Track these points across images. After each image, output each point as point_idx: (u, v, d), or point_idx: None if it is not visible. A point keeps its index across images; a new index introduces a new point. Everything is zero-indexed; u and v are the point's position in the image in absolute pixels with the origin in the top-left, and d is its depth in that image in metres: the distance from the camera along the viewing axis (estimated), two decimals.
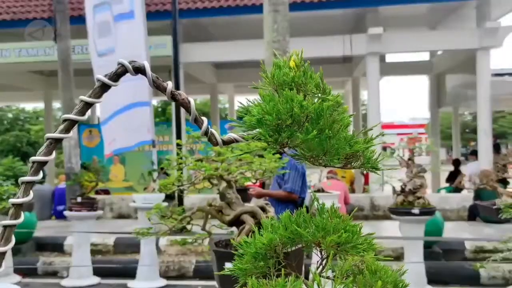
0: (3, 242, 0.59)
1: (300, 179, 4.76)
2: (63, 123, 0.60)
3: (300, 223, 0.60)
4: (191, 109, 0.60)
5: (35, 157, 0.59)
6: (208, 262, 6.97)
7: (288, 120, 0.55)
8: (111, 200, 10.20)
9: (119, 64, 0.59)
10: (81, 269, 6.30)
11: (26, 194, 0.59)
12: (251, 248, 0.60)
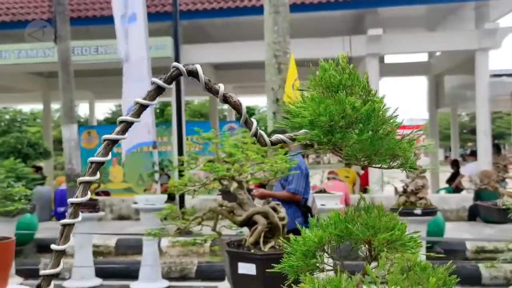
0: (62, 240, 0.60)
1: (303, 180, 4.78)
2: (119, 125, 0.61)
3: (349, 221, 0.62)
4: (242, 111, 0.62)
5: (93, 158, 0.60)
6: (210, 262, 6.98)
7: (341, 121, 0.57)
8: (111, 201, 10.19)
9: (173, 68, 0.61)
10: (83, 270, 6.29)
11: (84, 194, 0.61)
12: (302, 246, 0.61)
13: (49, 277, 0.60)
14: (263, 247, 2.13)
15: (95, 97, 16.40)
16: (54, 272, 0.60)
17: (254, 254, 2.05)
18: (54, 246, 0.60)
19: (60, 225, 0.60)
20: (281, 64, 7.55)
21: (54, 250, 0.60)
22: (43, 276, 0.61)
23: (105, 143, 0.60)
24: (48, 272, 0.60)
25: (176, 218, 2.32)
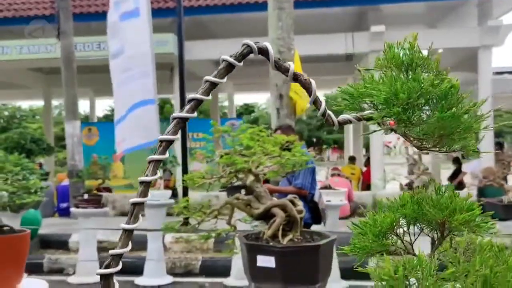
0: (132, 219, 0.59)
1: (310, 175, 4.78)
2: (188, 103, 0.60)
3: (420, 203, 0.61)
4: (312, 90, 0.61)
5: (163, 136, 0.59)
6: (214, 258, 6.98)
7: (420, 98, 0.56)
8: (113, 198, 10.18)
9: (244, 45, 0.60)
10: (88, 266, 6.28)
11: (154, 173, 0.60)
12: (375, 227, 0.61)
13: (117, 256, 0.59)
14: (282, 240, 2.12)
15: (95, 94, 16.36)
16: (123, 252, 0.59)
17: (273, 246, 2.04)
18: (124, 225, 0.59)
19: (130, 204, 0.59)
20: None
21: (124, 229, 0.59)
22: (112, 256, 0.60)
23: (174, 122, 0.59)
24: (117, 252, 0.59)
25: (193, 211, 2.30)
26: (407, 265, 0.56)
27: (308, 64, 8.82)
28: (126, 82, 7.00)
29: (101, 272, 0.59)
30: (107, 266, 0.59)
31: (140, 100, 6.74)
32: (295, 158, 2.21)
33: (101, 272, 0.59)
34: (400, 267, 0.55)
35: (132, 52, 6.92)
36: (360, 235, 0.62)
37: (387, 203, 0.64)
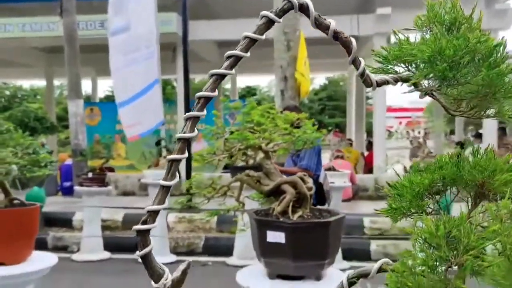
0: (169, 176, 0.59)
1: (316, 157, 4.78)
2: (227, 60, 0.59)
3: (460, 164, 0.61)
4: (352, 49, 0.60)
5: (201, 93, 0.59)
6: (217, 237, 7.03)
7: (465, 56, 0.55)
8: (116, 177, 10.20)
9: (285, 1, 0.59)
10: (92, 243, 6.34)
11: (192, 130, 0.59)
12: (413, 188, 0.60)
13: (154, 213, 0.59)
14: (292, 216, 2.13)
15: (97, 74, 16.28)
16: (160, 208, 0.59)
17: (283, 222, 2.05)
18: (162, 181, 0.59)
19: (166, 161, 0.59)
20: (290, 42, 7.48)
21: (161, 185, 0.59)
22: (149, 212, 0.60)
23: (213, 78, 0.59)
24: (154, 208, 0.59)
25: (204, 187, 2.31)
26: (447, 224, 0.55)
27: (312, 47, 8.76)
28: (132, 63, 6.96)
29: (138, 228, 0.59)
30: (144, 222, 0.59)
31: (150, 83, 6.72)
32: (306, 135, 2.20)
33: (138, 228, 0.59)
34: (441, 225, 0.55)
35: (139, 30, 6.86)
36: (396, 196, 0.62)
37: (424, 166, 0.64)
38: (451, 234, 0.54)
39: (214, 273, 5.79)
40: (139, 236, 0.60)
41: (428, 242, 0.56)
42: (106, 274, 5.66)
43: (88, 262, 6.14)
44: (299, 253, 2.09)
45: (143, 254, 0.60)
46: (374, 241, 6.59)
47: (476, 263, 0.52)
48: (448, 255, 0.53)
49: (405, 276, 0.55)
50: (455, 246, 0.54)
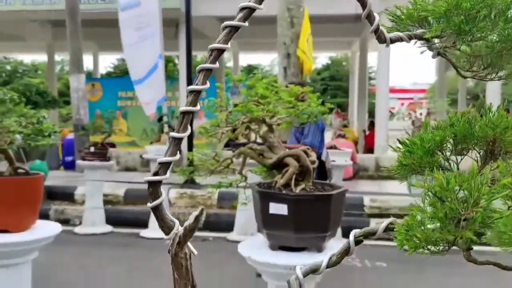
0: (182, 128, 0.59)
1: (319, 134, 4.78)
2: (240, 11, 0.59)
3: (471, 121, 0.61)
4: (368, 4, 0.60)
5: (214, 45, 0.58)
6: (218, 214, 7.08)
7: (483, 10, 0.54)
8: (117, 153, 10.22)
9: None
10: (94, 217, 6.40)
11: (204, 82, 0.59)
12: (423, 145, 0.61)
13: (166, 164, 0.60)
14: (294, 189, 2.14)
15: (99, 49, 16.16)
16: (171, 160, 0.59)
17: (286, 194, 2.06)
18: (173, 133, 0.59)
19: (179, 113, 0.59)
20: (293, 18, 7.39)
21: (172, 137, 0.59)
22: (160, 164, 0.60)
23: (226, 30, 0.58)
24: (165, 160, 0.59)
25: (206, 160, 2.32)
26: (458, 178, 0.56)
27: (316, 25, 8.65)
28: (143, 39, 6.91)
29: (149, 179, 0.60)
30: (155, 174, 0.59)
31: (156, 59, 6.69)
32: (311, 108, 2.20)
33: (149, 179, 0.60)
34: (451, 179, 0.55)
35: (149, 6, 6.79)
36: (407, 153, 0.62)
37: (435, 123, 0.64)
38: (462, 188, 0.54)
39: (214, 248, 5.85)
40: (151, 188, 0.60)
41: (438, 196, 0.56)
42: (108, 247, 5.73)
43: (90, 235, 6.21)
44: (301, 225, 2.11)
45: (154, 206, 0.60)
46: (373, 219, 6.64)
47: (485, 216, 0.53)
48: (458, 208, 0.54)
49: (414, 229, 0.56)
50: (465, 200, 0.54)
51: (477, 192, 0.54)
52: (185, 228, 0.58)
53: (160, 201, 0.60)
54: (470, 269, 4.98)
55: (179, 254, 0.61)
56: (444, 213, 0.54)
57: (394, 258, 5.46)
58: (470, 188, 0.54)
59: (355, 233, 0.79)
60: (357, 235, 0.79)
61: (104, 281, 4.44)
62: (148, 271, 4.74)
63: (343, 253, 0.81)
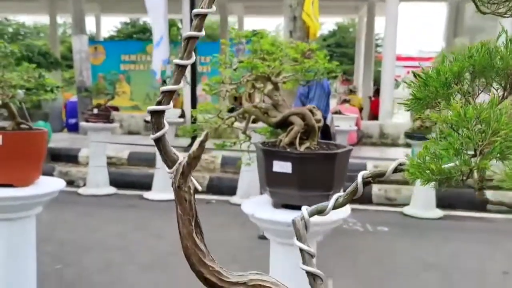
0: (186, 55, 0.56)
1: (325, 99, 4.74)
2: None
3: (491, 52, 0.58)
4: None
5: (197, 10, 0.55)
6: (221, 178, 7.12)
7: None
8: (121, 117, 10.21)
9: None
10: (97, 178, 6.44)
11: (210, 5, 0.56)
12: (440, 77, 0.58)
13: (169, 93, 0.57)
14: (299, 147, 2.12)
15: (101, 11, 15.89)
16: (175, 88, 0.57)
17: (290, 152, 2.05)
18: (177, 60, 0.56)
19: (183, 41, 0.56)
20: None
21: (177, 64, 0.56)
22: (163, 93, 0.57)
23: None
24: (169, 88, 0.57)
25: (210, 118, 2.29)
26: (477, 109, 0.53)
27: None
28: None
29: (152, 108, 0.57)
30: (158, 103, 0.57)
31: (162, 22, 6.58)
32: (318, 65, 2.15)
33: (152, 109, 0.57)
34: (469, 109, 0.52)
35: None
36: (421, 86, 0.59)
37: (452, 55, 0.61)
38: (480, 118, 0.51)
39: (217, 210, 5.90)
40: (153, 118, 0.58)
41: (454, 127, 0.53)
42: (111, 208, 5.79)
43: (94, 196, 6.27)
44: (305, 183, 2.10)
45: (157, 137, 0.58)
46: (376, 185, 6.66)
47: (504, 146, 0.50)
48: (475, 138, 0.51)
49: (428, 161, 0.53)
50: (484, 130, 0.52)
51: (496, 122, 0.51)
52: (189, 156, 0.56)
53: (164, 132, 0.58)
54: (470, 236, 5.03)
55: (183, 187, 0.59)
56: (460, 144, 0.51)
57: (395, 223, 5.50)
58: (489, 118, 0.52)
59: (363, 174, 0.78)
60: (366, 176, 0.77)
61: (107, 240, 4.51)
62: (150, 231, 4.80)
63: (350, 195, 0.80)
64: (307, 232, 0.77)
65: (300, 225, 0.76)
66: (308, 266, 0.73)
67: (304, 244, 0.74)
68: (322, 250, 3.29)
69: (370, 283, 3.68)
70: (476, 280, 3.81)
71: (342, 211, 2.20)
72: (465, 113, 0.52)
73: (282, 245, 2.15)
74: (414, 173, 0.54)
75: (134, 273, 3.74)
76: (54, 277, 3.57)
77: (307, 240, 0.75)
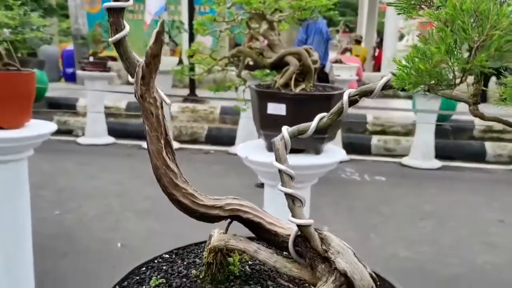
0: None
1: (324, 45, 4.62)
2: None
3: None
4: None
5: None
6: (220, 129, 7.08)
7: None
8: (118, 66, 10.02)
9: None
10: (96, 128, 6.41)
11: None
12: None
13: None
14: (294, 89, 2.05)
15: None
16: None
17: (285, 94, 1.98)
18: None
19: None
20: None
21: None
22: None
23: None
24: None
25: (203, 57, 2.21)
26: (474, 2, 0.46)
27: None
28: None
29: (109, 5, 0.50)
30: None
31: None
32: (315, 2, 2.05)
33: (108, 6, 0.50)
34: (467, 1, 0.46)
35: None
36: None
37: None
38: (479, 9, 0.45)
39: (216, 160, 5.90)
40: (111, 17, 0.51)
41: (449, 23, 0.47)
42: (110, 157, 5.79)
43: (93, 146, 6.26)
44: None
45: (116, 39, 0.52)
46: (375, 136, 6.63)
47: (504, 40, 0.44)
48: (471, 33, 0.45)
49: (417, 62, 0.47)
50: (481, 24, 0.45)
51: (496, 15, 0.45)
52: (147, 54, 0.50)
53: (124, 33, 0.52)
54: (468, 186, 5.01)
55: (147, 97, 0.54)
56: (454, 39, 0.45)
57: (393, 173, 5.51)
58: (488, 11, 0.45)
59: (349, 92, 0.72)
60: (352, 94, 0.72)
61: (106, 187, 4.52)
62: (148, 179, 4.80)
63: (335, 115, 0.74)
64: (287, 153, 0.72)
65: (280, 145, 0.71)
66: (286, 188, 0.68)
67: (283, 165, 0.69)
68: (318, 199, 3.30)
69: (366, 230, 3.71)
70: (472, 228, 3.84)
71: (337, 154, 2.16)
72: (462, 5, 0.46)
73: (274, 187, 2.13)
74: (400, 76, 0.48)
75: (132, 219, 3.78)
76: (53, 223, 3.60)
77: (286, 161, 0.71)
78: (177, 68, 6.47)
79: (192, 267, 0.82)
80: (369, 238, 3.56)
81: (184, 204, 0.66)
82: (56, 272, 2.89)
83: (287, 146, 0.72)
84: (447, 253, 3.35)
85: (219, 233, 0.76)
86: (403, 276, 2.76)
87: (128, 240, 3.36)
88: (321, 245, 0.63)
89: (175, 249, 0.88)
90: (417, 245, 3.45)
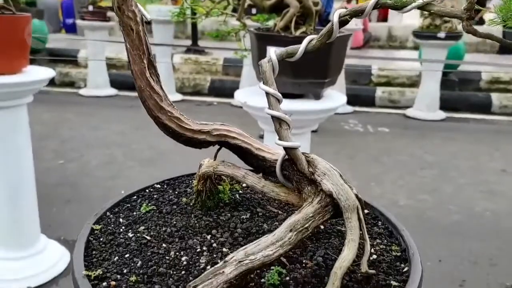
0: None
1: None
2: None
3: None
4: None
5: None
6: (223, 81, 7.01)
7: None
8: None
9: None
10: (98, 80, 6.37)
11: None
12: None
13: None
14: (294, 32, 2.00)
15: None
16: None
17: (285, 36, 1.94)
18: None
19: None
20: None
21: None
22: None
23: None
24: None
25: None
26: None
27: None
28: None
29: None
30: None
31: None
32: None
33: None
34: None
35: None
36: None
37: None
38: None
39: (219, 111, 5.89)
40: None
41: None
42: (112, 108, 5.78)
43: (95, 97, 6.24)
44: (299, 70, 2.01)
45: None
46: (380, 87, 6.55)
47: None
48: None
49: None
50: None
51: None
52: None
53: None
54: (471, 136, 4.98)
55: (125, 10, 0.51)
56: None
57: (397, 124, 5.48)
58: None
59: (340, 13, 0.69)
60: (343, 15, 0.69)
61: (109, 138, 4.54)
62: (151, 130, 4.80)
63: (325, 36, 0.72)
64: (274, 76, 0.70)
65: (267, 68, 0.70)
66: (273, 111, 0.67)
67: (271, 87, 0.68)
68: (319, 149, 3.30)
69: (367, 179, 3.74)
70: (473, 177, 3.85)
71: (338, 99, 2.14)
72: None
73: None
74: None
75: (134, 168, 3.81)
76: (57, 172, 3.64)
77: (274, 83, 0.69)
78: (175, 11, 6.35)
79: (183, 195, 0.82)
80: (370, 187, 3.59)
81: (170, 127, 0.66)
82: (61, 217, 2.95)
83: (275, 69, 0.70)
84: (447, 201, 3.38)
85: (208, 161, 0.76)
86: (402, 222, 2.80)
87: (131, 187, 3.40)
88: (307, 167, 0.63)
89: (166, 180, 0.88)
90: (417, 194, 3.48)
